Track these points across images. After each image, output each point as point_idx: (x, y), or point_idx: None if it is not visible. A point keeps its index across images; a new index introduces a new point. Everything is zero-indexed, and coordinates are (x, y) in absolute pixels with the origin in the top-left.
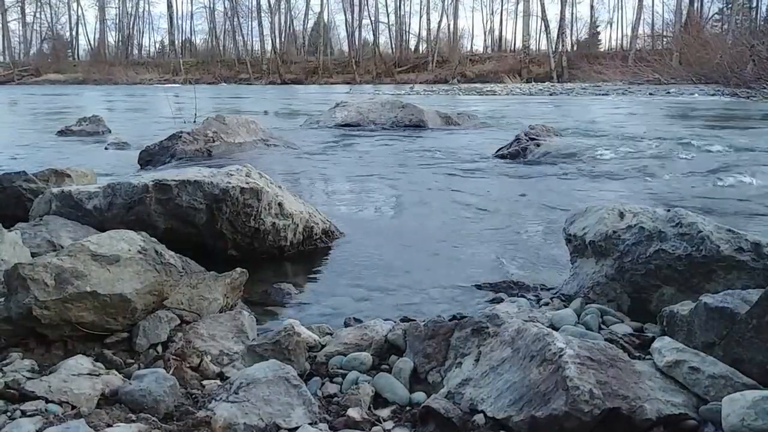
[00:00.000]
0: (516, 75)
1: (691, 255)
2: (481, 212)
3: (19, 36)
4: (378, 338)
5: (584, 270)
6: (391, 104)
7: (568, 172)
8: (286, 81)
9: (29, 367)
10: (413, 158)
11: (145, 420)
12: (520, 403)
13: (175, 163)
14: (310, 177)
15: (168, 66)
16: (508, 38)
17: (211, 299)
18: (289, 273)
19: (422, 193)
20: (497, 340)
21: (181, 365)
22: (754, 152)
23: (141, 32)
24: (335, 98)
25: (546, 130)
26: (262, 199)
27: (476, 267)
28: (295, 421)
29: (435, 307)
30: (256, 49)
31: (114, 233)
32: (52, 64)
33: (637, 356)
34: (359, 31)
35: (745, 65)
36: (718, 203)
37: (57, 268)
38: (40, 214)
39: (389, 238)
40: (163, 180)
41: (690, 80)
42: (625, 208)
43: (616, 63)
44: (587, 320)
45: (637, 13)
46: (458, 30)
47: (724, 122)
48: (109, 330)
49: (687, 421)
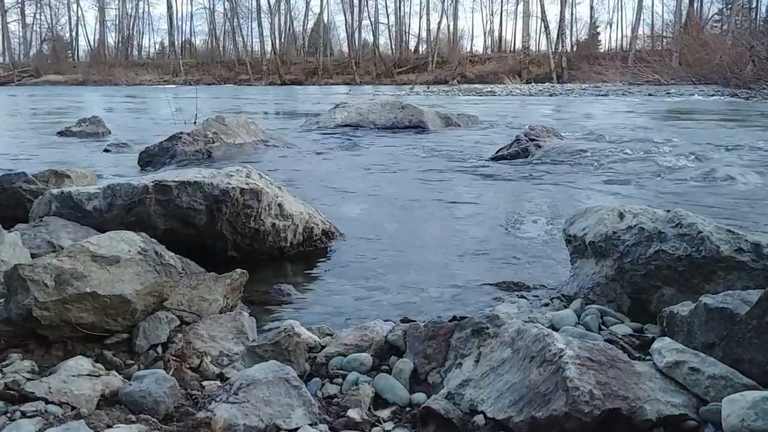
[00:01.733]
0: (516, 76)
1: (691, 255)
2: (481, 213)
3: (18, 37)
4: (378, 339)
5: (584, 271)
6: (390, 105)
7: (568, 173)
8: (286, 82)
9: (29, 368)
10: (413, 159)
11: (145, 421)
12: (520, 404)
13: (175, 164)
14: (310, 178)
15: (168, 67)
16: (507, 39)
17: (211, 300)
18: (289, 274)
19: (422, 194)
20: (497, 340)
21: (181, 366)
22: (754, 152)
23: (141, 33)
24: (335, 99)
25: (546, 130)
26: (262, 200)
27: (476, 267)
28: (295, 422)
29: (435, 307)
30: (256, 50)
31: (114, 234)
32: (51, 65)
33: (637, 357)
34: (359, 32)
35: (744, 66)
36: (718, 204)
37: (57, 269)
38: (39, 215)
39: (389, 239)
40: (163, 181)
41: (690, 81)
42: (625, 209)
43: (615, 64)
44: (587, 321)
45: (637, 14)
46: (458, 31)
47: (724, 123)
48: (109, 331)
49: (687, 422)
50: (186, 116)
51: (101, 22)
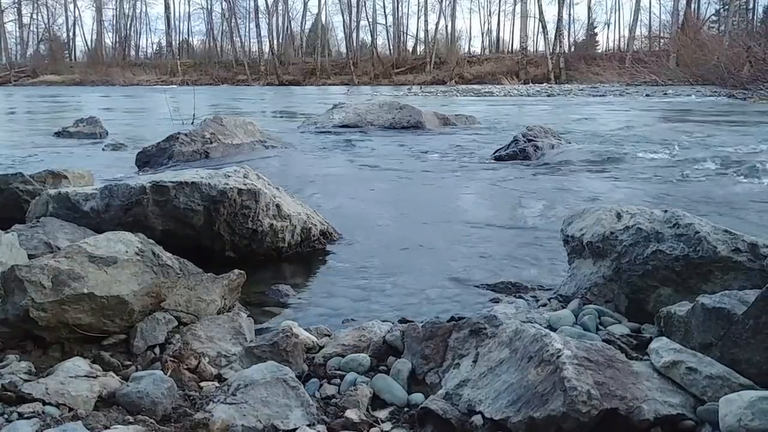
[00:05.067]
0: (514, 76)
1: (688, 256)
2: (479, 213)
3: (15, 37)
4: (376, 339)
5: (582, 271)
6: (388, 105)
7: (566, 173)
8: (284, 82)
9: (26, 369)
10: (411, 160)
11: (143, 422)
12: (518, 404)
13: (173, 165)
14: (308, 178)
15: (165, 67)
16: (505, 39)
17: (209, 301)
18: (287, 274)
19: (420, 195)
20: (495, 341)
21: (178, 367)
22: (750, 153)
23: (138, 33)
24: (333, 99)
25: (544, 131)
26: (259, 201)
27: (474, 268)
28: (293, 423)
29: (433, 308)
30: (254, 51)
31: (111, 235)
32: (49, 65)
33: (635, 357)
34: (357, 33)
35: (741, 66)
36: (715, 204)
37: (54, 270)
38: (37, 215)
39: (387, 240)
40: (161, 181)
41: (687, 81)
42: (623, 209)
43: (613, 64)
44: (585, 321)
45: (635, 15)
46: (456, 31)
47: (720, 123)
48: (106, 332)
49: (684, 422)
50: (183, 117)
51: (98, 22)
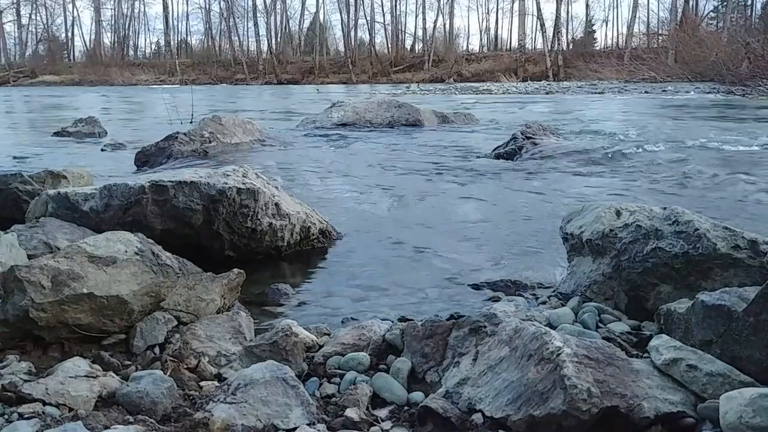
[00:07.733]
0: (512, 74)
1: (688, 253)
2: (478, 211)
3: (14, 37)
4: (376, 338)
5: (581, 268)
6: (387, 104)
7: (565, 171)
8: (283, 81)
9: (26, 369)
10: (410, 158)
11: (143, 422)
12: (518, 402)
13: (172, 164)
14: (307, 177)
15: (164, 67)
16: (504, 37)
17: (209, 300)
18: (287, 273)
19: (419, 193)
20: (495, 339)
21: (178, 367)
22: (749, 149)
23: (137, 33)
24: (332, 98)
25: (542, 128)
26: (258, 200)
27: (473, 266)
28: (293, 422)
29: (432, 306)
30: (252, 50)
31: (110, 235)
32: (47, 65)
33: (635, 354)
34: (355, 31)
35: (740, 63)
36: (715, 201)
37: (53, 270)
38: (36, 215)
39: (386, 238)
40: (160, 181)
41: (686, 78)
42: (622, 207)
43: (611, 61)
44: (585, 319)
45: (633, 11)
46: (454, 29)
47: (719, 119)
48: (106, 332)
49: (685, 419)
50: (182, 116)
51: (97, 22)
